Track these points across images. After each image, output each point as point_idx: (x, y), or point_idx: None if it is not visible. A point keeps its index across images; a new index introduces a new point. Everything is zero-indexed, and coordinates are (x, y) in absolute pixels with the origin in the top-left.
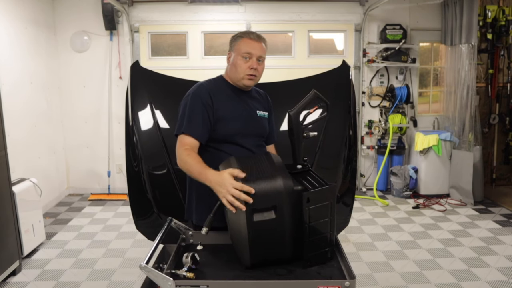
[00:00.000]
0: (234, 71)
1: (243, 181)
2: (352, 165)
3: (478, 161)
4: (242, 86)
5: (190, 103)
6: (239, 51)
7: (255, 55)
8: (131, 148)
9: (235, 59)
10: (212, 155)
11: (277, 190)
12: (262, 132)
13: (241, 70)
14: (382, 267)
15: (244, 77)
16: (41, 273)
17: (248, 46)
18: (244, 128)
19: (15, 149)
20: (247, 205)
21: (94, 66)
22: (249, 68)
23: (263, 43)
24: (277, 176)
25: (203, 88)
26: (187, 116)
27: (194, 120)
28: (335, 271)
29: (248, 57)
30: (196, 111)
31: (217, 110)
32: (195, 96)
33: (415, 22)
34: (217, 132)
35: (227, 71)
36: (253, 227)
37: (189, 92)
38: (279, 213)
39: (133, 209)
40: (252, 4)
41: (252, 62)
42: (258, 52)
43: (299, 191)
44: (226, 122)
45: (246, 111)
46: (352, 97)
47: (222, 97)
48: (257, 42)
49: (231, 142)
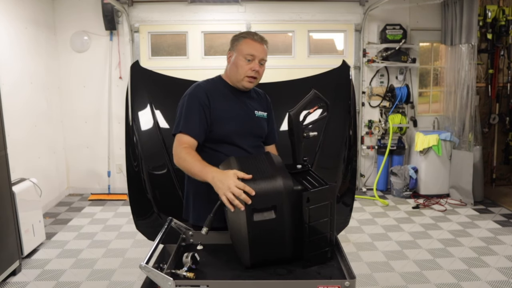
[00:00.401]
0: (234, 71)
1: (245, 182)
2: (352, 165)
3: (478, 161)
4: (241, 87)
5: (187, 103)
6: (241, 51)
7: (257, 57)
8: (131, 148)
9: (237, 59)
10: (209, 155)
11: (277, 190)
12: (260, 132)
13: (242, 71)
14: (382, 267)
15: (244, 79)
16: (41, 273)
17: (251, 48)
18: (241, 128)
19: (15, 149)
20: (246, 205)
21: (94, 66)
22: (250, 70)
23: (266, 46)
24: (277, 176)
25: (200, 88)
26: (184, 115)
27: (191, 119)
28: (335, 271)
29: (251, 59)
30: (193, 110)
31: (214, 110)
32: (192, 96)
33: (415, 22)
34: (214, 132)
35: (226, 70)
36: (253, 227)
37: (187, 93)
38: (279, 213)
39: (133, 209)
40: (252, 4)
41: (254, 64)
42: (261, 54)
43: (299, 191)
44: (223, 122)
45: (244, 111)
46: (352, 97)
47: (219, 97)
48: (260, 44)
49: (228, 142)
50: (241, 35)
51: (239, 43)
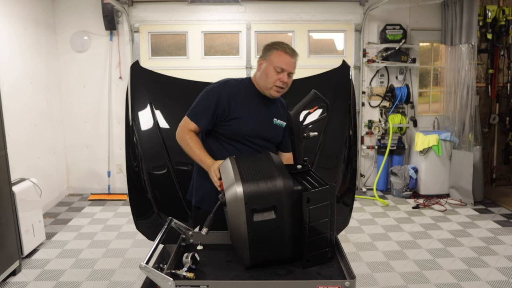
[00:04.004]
0: (264, 79)
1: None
2: (352, 165)
3: (478, 161)
4: (269, 95)
5: (208, 94)
6: (273, 62)
7: (287, 70)
8: (131, 148)
9: (267, 69)
10: (222, 145)
11: (277, 190)
12: (273, 138)
13: (271, 81)
14: (382, 267)
15: (272, 88)
16: (41, 273)
17: (282, 61)
18: (255, 131)
19: (15, 149)
20: (246, 205)
21: (94, 66)
22: (279, 80)
23: (296, 59)
24: (277, 176)
25: (226, 87)
26: (200, 104)
27: (204, 111)
28: (335, 271)
29: (280, 71)
30: (209, 104)
31: (234, 110)
32: (215, 92)
33: (415, 22)
34: (230, 128)
35: (256, 76)
36: (253, 227)
37: (214, 85)
38: (279, 213)
39: (133, 209)
40: (252, 4)
41: (283, 76)
42: (291, 68)
43: (299, 191)
44: (240, 122)
45: (262, 116)
46: (352, 97)
47: (243, 98)
48: (291, 57)
49: (240, 140)
50: (274, 46)
51: (271, 53)
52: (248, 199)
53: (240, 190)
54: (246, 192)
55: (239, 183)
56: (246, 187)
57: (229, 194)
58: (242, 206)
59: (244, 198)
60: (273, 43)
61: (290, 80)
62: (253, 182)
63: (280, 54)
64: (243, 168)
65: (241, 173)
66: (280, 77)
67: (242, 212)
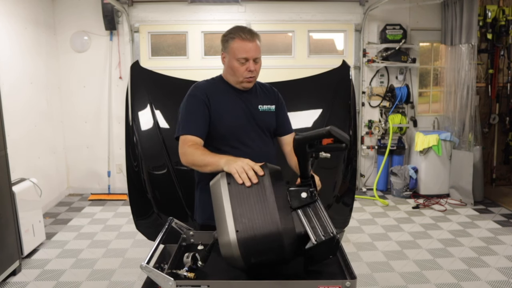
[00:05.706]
0: (232, 74)
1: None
2: (352, 165)
3: (478, 161)
4: (242, 88)
5: (186, 103)
6: (234, 55)
7: (251, 58)
8: (131, 148)
9: (231, 62)
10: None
11: (275, 239)
12: (265, 125)
13: (239, 74)
14: (382, 267)
15: (243, 81)
16: (41, 273)
17: (243, 49)
18: (241, 122)
19: (15, 149)
20: (242, 253)
21: (94, 66)
22: (247, 71)
23: (257, 40)
24: (277, 222)
25: (199, 87)
26: (185, 117)
27: (193, 119)
28: (336, 271)
29: (244, 61)
30: (193, 110)
31: (213, 106)
32: (191, 96)
33: (415, 22)
34: (215, 129)
35: (224, 72)
36: (250, 265)
37: (186, 95)
38: (279, 250)
39: (133, 209)
40: (252, 4)
41: (250, 65)
42: (254, 54)
43: (301, 234)
44: (222, 118)
45: (246, 106)
46: (352, 97)
47: (219, 95)
48: (250, 42)
49: (231, 139)
50: (230, 36)
51: (229, 44)
52: (244, 249)
53: (234, 238)
54: (241, 240)
55: (232, 230)
56: (240, 234)
57: (222, 241)
58: (237, 251)
59: (239, 248)
60: (228, 31)
61: (259, 66)
62: (249, 228)
63: (238, 42)
64: (238, 209)
65: (235, 215)
66: (247, 67)
67: (238, 259)
